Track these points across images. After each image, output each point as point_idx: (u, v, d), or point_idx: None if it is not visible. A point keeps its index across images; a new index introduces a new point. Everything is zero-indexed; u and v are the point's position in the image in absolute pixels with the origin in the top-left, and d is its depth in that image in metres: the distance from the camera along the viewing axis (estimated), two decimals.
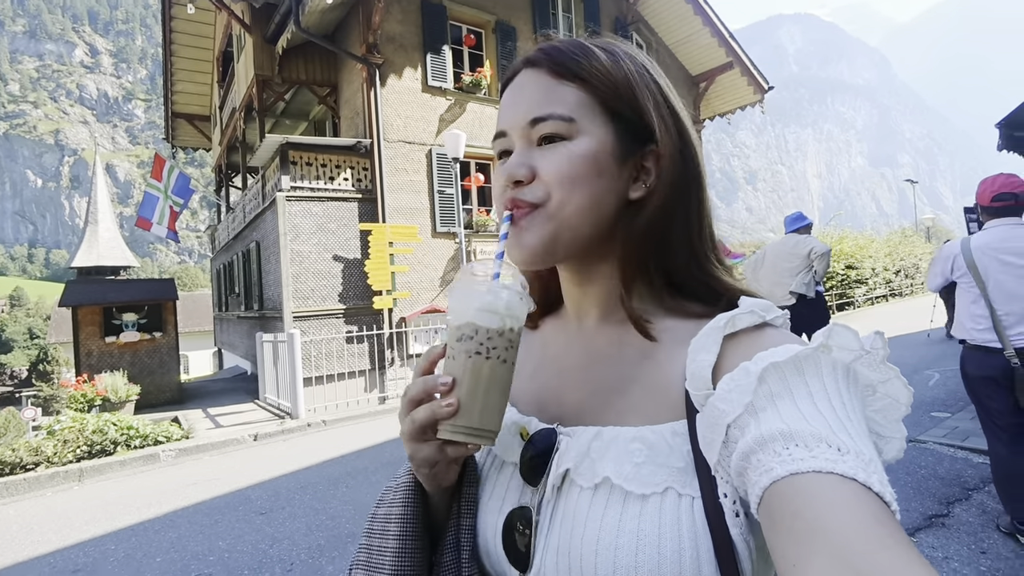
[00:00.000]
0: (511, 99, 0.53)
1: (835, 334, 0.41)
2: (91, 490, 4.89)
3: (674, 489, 0.42)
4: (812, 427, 0.35)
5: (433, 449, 0.48)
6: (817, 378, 0.39)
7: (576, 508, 0.46)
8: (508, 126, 0.52)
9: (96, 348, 8.88)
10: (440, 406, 0.46)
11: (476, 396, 0.47)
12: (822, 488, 0.32)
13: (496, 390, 0.48)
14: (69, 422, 5.77)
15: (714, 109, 13.45)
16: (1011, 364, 2.46)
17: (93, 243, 18.03)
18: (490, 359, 0.47)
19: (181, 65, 13.81)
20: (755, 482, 0.35)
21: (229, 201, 13.78)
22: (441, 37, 9.09)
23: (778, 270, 4.86)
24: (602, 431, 0.48)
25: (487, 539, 0.52)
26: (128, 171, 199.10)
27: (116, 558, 3.32)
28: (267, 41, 9.48)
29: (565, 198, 0.49)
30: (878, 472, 0.33)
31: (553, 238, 0.49)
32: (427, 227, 8.80)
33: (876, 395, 0.42)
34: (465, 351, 0.48)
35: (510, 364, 0.49)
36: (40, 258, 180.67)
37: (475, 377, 0.47)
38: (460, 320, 0.49)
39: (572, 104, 0.50)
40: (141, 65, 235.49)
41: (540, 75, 0.51)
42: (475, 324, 0.48)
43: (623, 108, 0.51)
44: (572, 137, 0.49)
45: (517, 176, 0.50)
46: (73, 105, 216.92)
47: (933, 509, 3.01)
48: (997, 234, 2.52)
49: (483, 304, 0.48)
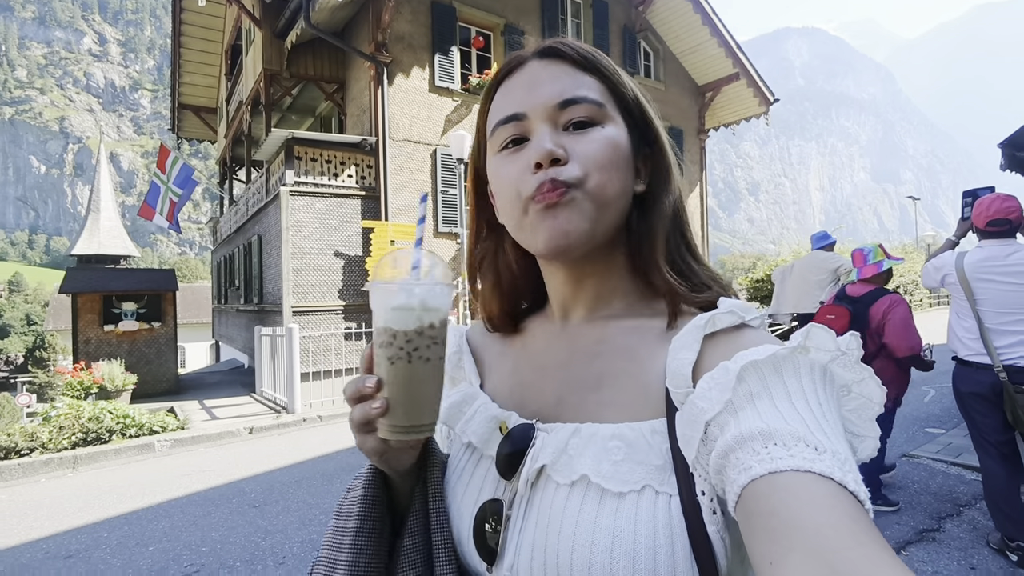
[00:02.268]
0: (525, 83, 0.51)
1: (812, 335, 0.42)
2: (85, 477, 4.89)
3: (651, 487, 0.42)
4: (790, 426, 0.35)
5: (377, 440, 0.48)
6: (795, 378, 0.39)
7: (552, 504, 0.45)
8: (527, 108, 0.50)
9: (94, 336, 8.88)
10: (369, 407, 0.46)
11: (404, 395, 0.47)
12: (799, 486, 0.32)
13: (425, 387, 0.47)
14: (65, 409, 5.77)
15: (719, 119, 13.49)
16: (1000, 379, 2.49)
17: (94, 231, 18.05)
18: (412, 361, 0.46)
19: (190, 57, 13.84)
20: (733, 480, 0.35)
21: (232, 194, 13.79)
22: (450, 38, 9.12)
23: (807, 282, 5.30)
24: (580, 428, 0.48)
25: (460, 530, 0.52)
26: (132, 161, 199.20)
27: (109, 546, 3.33)
28: (276, 36, 9.51)
29: (605, 180, 0.48)
30: (853, 471, 0.33)
31: (597, 218, 0.49)
32: (429, 227, 8.82)
33: (851, 395, 0.43)
34: (387, 357, 0.47)
35: (436, 360, 0.48)
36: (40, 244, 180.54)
37: (400, 379, 0.47)
38: (379, 323, 0.48)
39: (599, 91, 0.51)
40: (149, 55, 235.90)
41: (561, 65, 0.51)
42: (392, 329, 0.46)
43: (631, 107, 0.53)
44: (603, 123, 0.50)
45: (556, 154, 0.48)
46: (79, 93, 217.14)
47: (924, 524, 3.02)
48: (988, 253, 2.57)
49: (397, 304, 0.47)
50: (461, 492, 0.53)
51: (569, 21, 10.84)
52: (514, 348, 0.62)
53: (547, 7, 10.36)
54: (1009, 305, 2.48)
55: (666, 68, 12.45)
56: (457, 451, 0.58)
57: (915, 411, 5.39)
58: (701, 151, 13.28)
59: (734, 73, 12.31)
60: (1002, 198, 2.60)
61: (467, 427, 0.55)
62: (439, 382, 0.49)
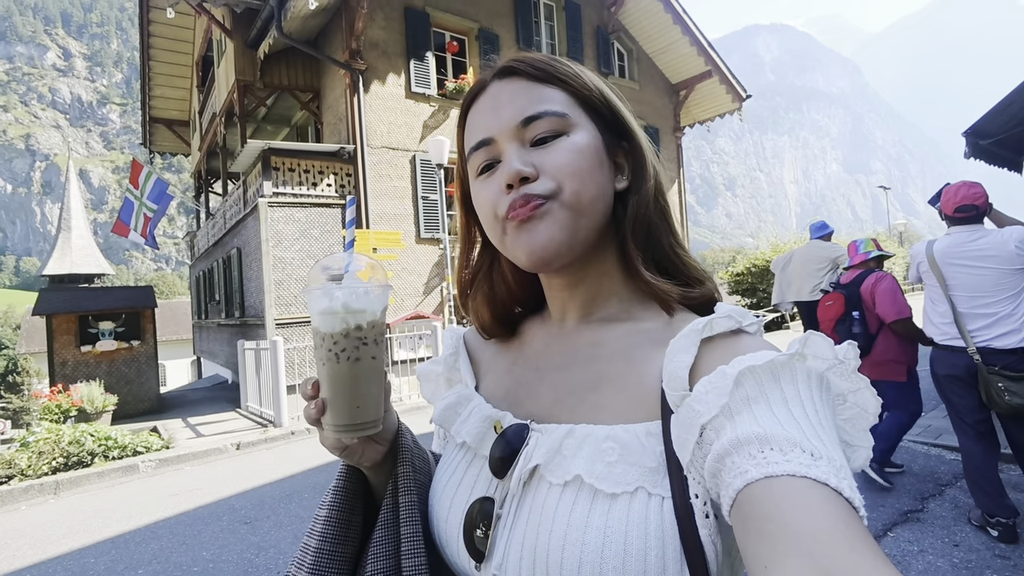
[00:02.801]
0: (489, 107, 0.52)
1: (811, 343, 0.42)
2: (68, 503, 4.77)
3: (644, 489, 0.42)
4: (787, 432, 0.36)
5: (332, 440, 0.52)
6: (792, 385, 0.39)
7: (544, 504, 0.46)
8: (494, 132, 0.51)
9: (71, 357, 8.66)
10: (309, 408, 0.51)
11: (337, 395, 0.49)
12: (795, 492, 0.32)
13: (357, 386, 0.49)
14: (44, 433, 5.61)
15: (694, 117, 13.68)
16: (974, 362, 2.57)
17: (66, 250, 17.60)
18: (340, 362, 0.48)
19: (159, 69, 13.60)
20: (728, 484, 0.36)
21: (209, 207, 13.57)
22: (424, 44, 9.12)
23: (806, 270, 5.58)
24: (575, 429, 0.48)
25: (449, 529, 0.52)
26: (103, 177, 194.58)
27: (96, 571, 3.25)
28: (248, 46, 9.41)
29: (579, 187, 0.49)
30: (848, 478, 0.34)
31: (575, 226, 0.49)
32: (411, 233, 8.79)
33: (846, 404, 0.44)
34: (319, 359, 0.49)
35: (367, 359, 0.49)
36: (10, 266, 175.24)
37: (331, 379, 0.49)
38: (313, 325, 0.51)
39: (561, 101, 0.51)
40: (116, 69, 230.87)
41: (519, 82, 0.52)
42: (320, 331, 0.49)
43: (599, 106, 0.53)
44: (568, 132, 0.50)
45: (525, 172, 0.49)
46: (45, 109, 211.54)
47: (909, 505, 3.10)
48: (957, 239, 2.66)
49: (321, 308, 0.49)
50: (453, 491, 0.53)
51: (543, 24, 10.91)
52: (510, 349, 0.62)
53: (520, 10, 10.41)
54: (979, 289, 2.56)
55: (640, 68, 12.59)
56: (451, 451, 0.58)
57: None
58: (678, 148, 13.45)
59: (706, 71, 12.50)
60: (968, 185, 2.69)
61: (462, 427, 0.56)
62: (375, 381, 0.51)
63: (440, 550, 0.54)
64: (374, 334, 0.50)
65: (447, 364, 0.64)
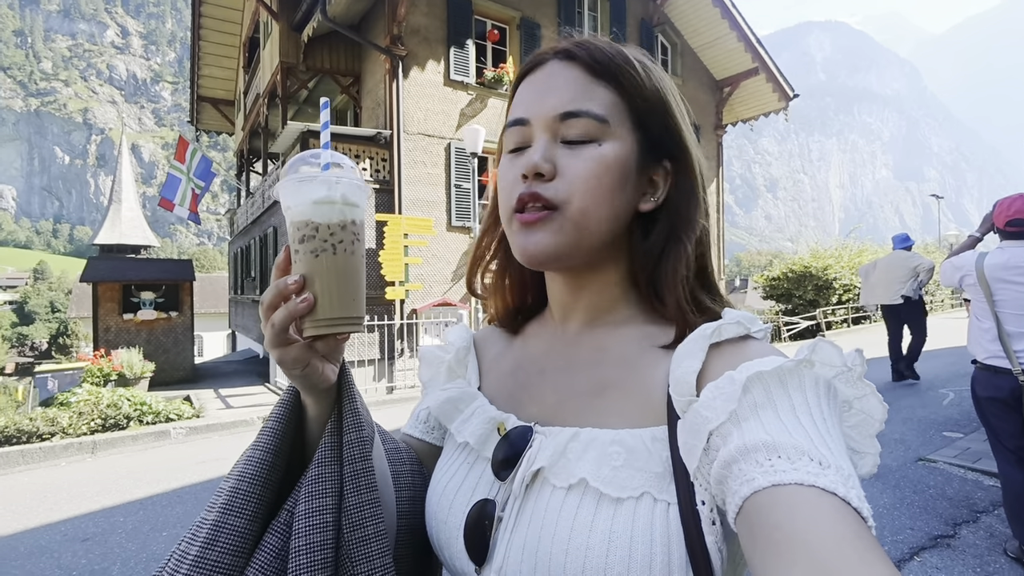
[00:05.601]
0: (536, 88, 0.51)
1: (819, 350, 0.41)
2: (104, 462, 5.00)
3: (650, 494, 0.42)
4: (794, 440, 0.35)
5: (299, 349, 0.47)
6: (800, 392, 0.39)
7: (547, 507, 0.45)
8: (532, 115, 0.50)
9: (114, 324, 9.06)
10: (296, 303, 0.46)
11: (330, 289, 0.47)
12: (803, 500, 0.32)
13: (351, 279, 0.48)
14: (85, 395, 5.90)
15: (737, 115, 13.30)
16: (1019, 384, 2.43)
17: (116, 221, 18.37)
18: (337, 253, 0.47)
19: (208, 49, 13.98)
20: (735, 491, 0.35)
21: (249, 186, 13.94)
22: (465, 31, 9.10)
23: (889, 278, 6.21)
24: (580, 432, 0.47)
25: (448, 530, 0.51)
26: (153, 152, 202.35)
27: (124, 530, 3.40)
28: (293, 29, 9.57)
29: (589, 206, 0.48)
30: (856, 488, 0.33)
31: (572, 245, 0.48)
32: (442, 220, 8.83)
33: (852, 411, 0.43)
34: (311, 250, 0.47)
35: (359, 256, 0.49)
36: (64, 234, 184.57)
37: (325, 272, 0.46)
38: (298, 217, 0.47)
39: (607, 105, 0.49)
40: (170, 48, 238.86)
41: (574, 70, 0.50)
42: (314, 222, 0.46)
43: (651, 120, 0.50)
44: (602, 140, 0.48)
45: (541, 169, 0.47)
46: (102, 85, 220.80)
47: (939, 530, 2.96)
48: (1009, 254, 2.52)
49: (319, 197, 0.46)
50: (453, 492, 0.52)
51: (586, 15, 10.74)
52: (513, 350, 0.61)
53: (563, 0, 10.28)
54: None
55: (684, 63, 12.29)
56: (451, 452, 0.57)
57: (933, 414, 5.29)
58: (718, 147, 13.11)
59: (753, 68, 12.12)
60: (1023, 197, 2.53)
61: (464, 427, 0.55)
62: (362, 278, 0.49)
63: (437, 551, 0.53)
64: (362, 233, 0.50)
65: (456, 356, 0.63)
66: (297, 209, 0.47)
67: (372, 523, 0.48)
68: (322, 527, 0.46)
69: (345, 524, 0.47)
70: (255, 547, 0.46)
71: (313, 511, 0.46)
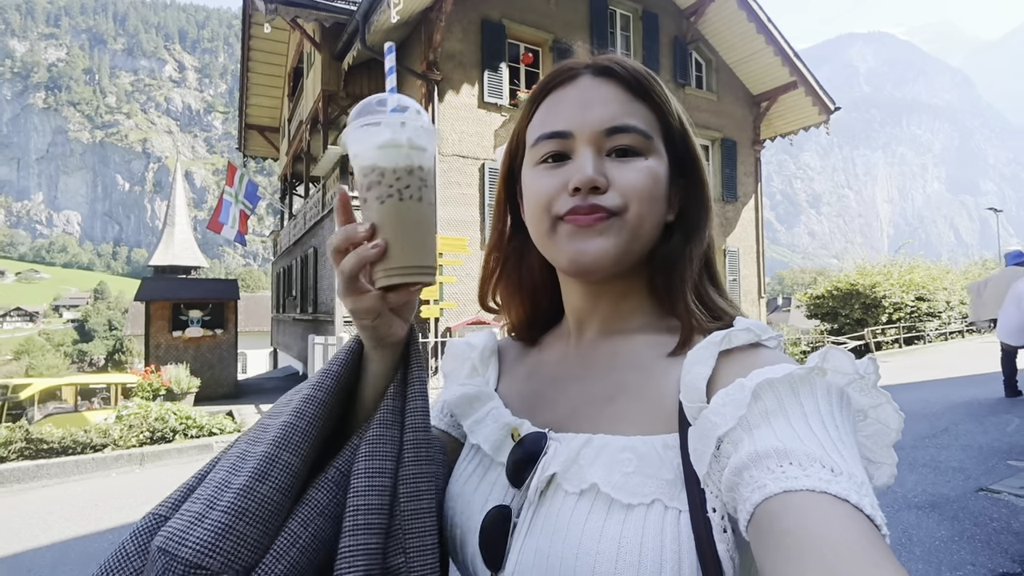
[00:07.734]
0: (577, 101, 0.51)
1: (831, 357, 0.41)
2: (151, 474, 5.20)
3: (661, 501, 0.42)
4: (806, 447, 0.35)
5: (373, 300, 0.46)
6: (811, 398, 0.39)
7: (560, 512, 0.45)
8: (575, 128, 0.50)
9: (164, 341, 9.49)
10: (367, 249, 0.45)
11: (401, 236, 0.45)
12: (815, 507, 0.31)
13: (420, 227, 0.46)
14: (135, 408, 6.17)
15: (775, 129, 13.05)
16: None
17: (169, 243, 19.39)
18: (404, 199, 0.45)
19: (256, 80, 14.75)
20: (746, 498, 0.35)
21: (292, 208, 14.48)
22: (499, 55, 9.30)
23: (1000, 293, 6.19)
24: (592, 438, 0.48)
25: (464, 535, 0.51)
26: (204, 178, 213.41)
27: None
28: (335, 58, 10.00)
29: (644, 212, 0.49)
30: (869, 495, 0.33)
31: (628, 248, 0.49)
32: (476, 240, 8.94)
33: (867, 420, 0.43)
34: (376, 197, 0.45)
35: (428, 203, 0.46)
36: (123, 255, 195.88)
37: (393, 217, 0.45)
38: (363, 162, 0.45)
39: (648, 122, 0.51)
40: (222, 80, 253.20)
41: (613, 87, 0.51)
42: (380, 166, 0.45)
43: (676, 137, 0.53)
44: (648, 155, 0.50)
45: (599, 183, 0.48)
46: (160, 116, 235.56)
47: (1004, 567, 2.74)
48: None
49: (384, 140, 0.44)
50: (468, 498, 0.53)
51: (619, 35, 10.82)
52: (529, 357, 0.62)
53: (596, 21, 10.39)
54: None
55: (719, 78, 12.19)
56: (465, 457, 0.58)
57: (996, 441, 4.94)
58: (756, 162, 12.86)
59: (791, 82, 11.91)
60: None
61: (477, 428, 0.56)
62: (433, 226, 0.47)
63: (451, 553, 0.54)
64: (431, 180, 0.47)
65: (481, 355, 0.64)
66: (363, 155, 0.46)
67: (428, 497, 0.48)
68: (381, 489, 0.45)
69: (402, 493, 0.46)
70: (299, 494, 0.45)
71: (373, 471, 0.45)
